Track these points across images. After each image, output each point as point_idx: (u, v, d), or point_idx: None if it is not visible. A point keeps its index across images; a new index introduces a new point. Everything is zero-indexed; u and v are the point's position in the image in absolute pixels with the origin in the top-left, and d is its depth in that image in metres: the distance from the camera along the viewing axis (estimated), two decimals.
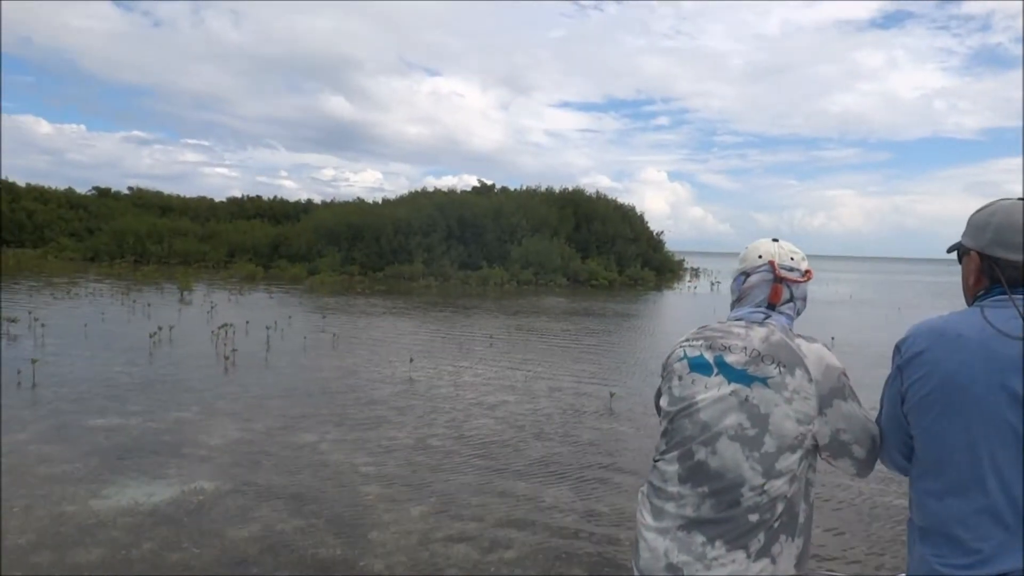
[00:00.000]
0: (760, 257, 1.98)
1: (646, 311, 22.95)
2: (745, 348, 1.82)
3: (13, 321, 13.55)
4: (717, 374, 1.82)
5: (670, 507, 1.79)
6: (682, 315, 22.40)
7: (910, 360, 1.67)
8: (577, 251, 36.77)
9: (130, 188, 64.98)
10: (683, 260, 51.27)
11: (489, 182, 48.29)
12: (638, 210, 44.26)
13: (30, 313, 15.07)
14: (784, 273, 1.94)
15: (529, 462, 6.57)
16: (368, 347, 13.03)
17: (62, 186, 58.76)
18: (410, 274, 32.64)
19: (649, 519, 1.84)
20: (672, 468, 1.82)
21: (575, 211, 40.27)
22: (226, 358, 10.97)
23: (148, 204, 57.80)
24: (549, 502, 5.55)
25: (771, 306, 1.93)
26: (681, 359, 1.92)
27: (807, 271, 1.99)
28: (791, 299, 1.96)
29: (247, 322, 14.82)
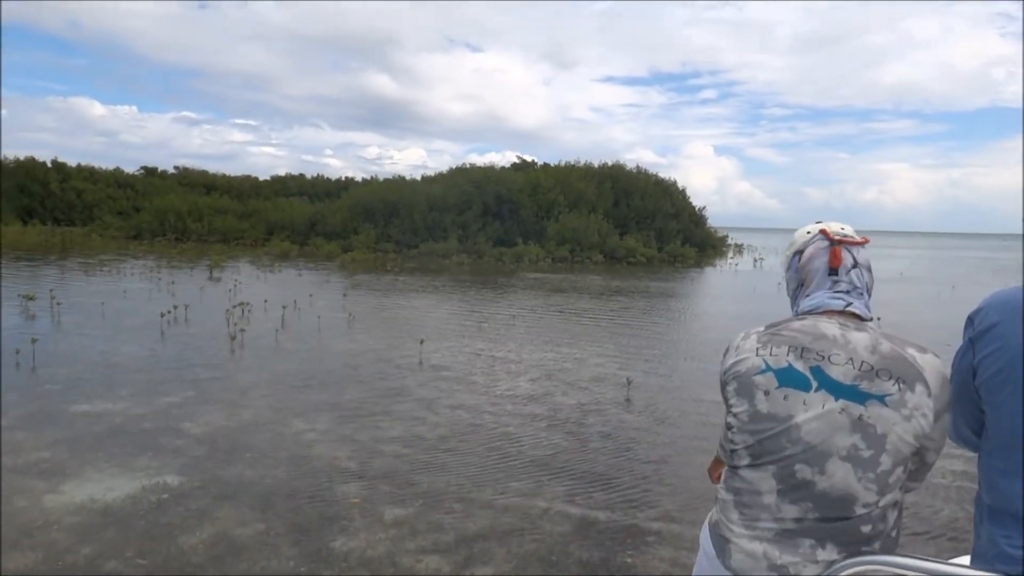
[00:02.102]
0: (809, 232, 1.88)
1: (681, 290, 22.12)
2: (851, 360, 1.66)
3: (31, 299, 13.42)
4: (818, 389, 1.66)
5: (765, 516, 1.70)
6: (719, 294, 21.53)
7: (982, 333, 1.60)
8: (616, 227, 35.92)
9: (176, 167, 65.92)
10: (726, 236, 50.03)
11: (529, 158, 47.59)
12: (680, 185, 43.20)
13: (51, 291, 14.96)
14: (840, 236, 1.82)
15: (529, 458, 6.01)
16: (384, 328, 12.58)
17: (115, 166, 59.71)
18: (444, 251, 32.20)
19: (739, 527, 1.74)
20: (767, 484, 1.70)
21: (614, 186, 39.36)
22: (232, 338, 10.61)
23: (193, 183, 58.58)
24: (542, 507, 4.98)
25: (833, 271, 1.78)
26: (763, 371, 1.72)
27: (863, 238, 1.85)
28: (855, 265, 1.80)
29: (265, 301, 14.51)
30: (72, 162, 56.29)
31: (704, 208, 44.60)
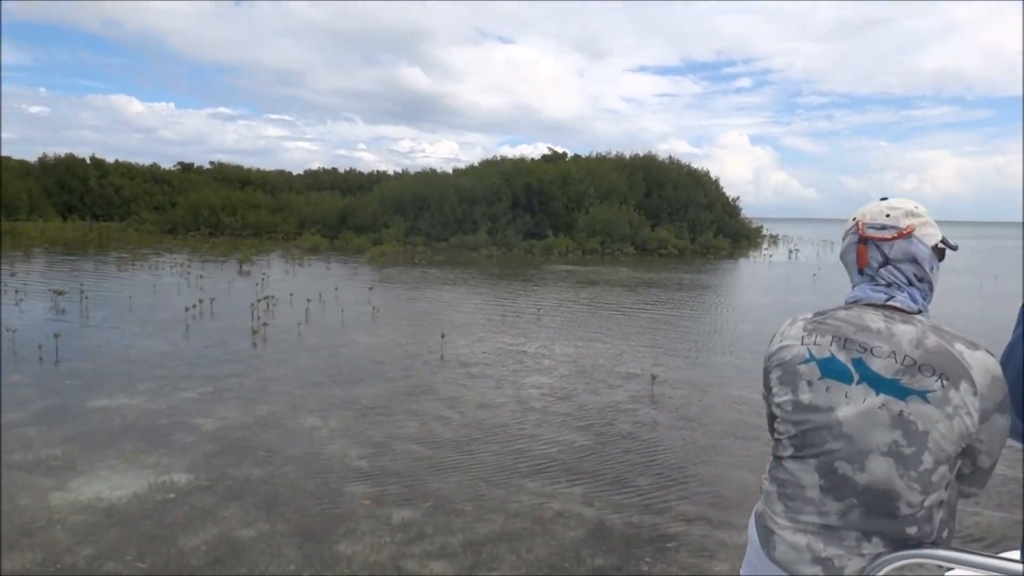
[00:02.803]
0: (853, 219, 1.77)
1: (713, 282, 21.71)
2: (894, 353, 1.59)
3: (60, 294, 13.55)
4: (859, 382, 1.61)
5: (809, 510, 1.67)
6: (751, 285, 21.09)
7: None
8: (647, 219, 35.46)
9: (211, 163, 66.78)
10: (761, 227, 49.21)
11: (560, 150, 47.19)
12: (713, 175, 42.55)
13: (81, 285, 15.11)
14: (870, 232, 1.70)
15: (546, 457, 5.82)
16: (409, 321, 12.46)
17: (152, 162, 60.67)
18: (473, 244, 32.06)
19: (782, 518, 1.72)
20: (810, 477, 1.67)
21: (646, 177, 38.87)
22: (254, 332, 10.56)
23: (228, 178, 59.29)
24: (556, 509, 4.79)
25: (860, 272, 1.72)
26: (807, 361, 1.68)
27: (906, 227, 1.69)
28: (886, 262, 1.69)
29: (291, 295, 14.48)
30: (111, 158, 57.31)
31: (738, 198, 43.98)
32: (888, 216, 1.71)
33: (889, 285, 1.69)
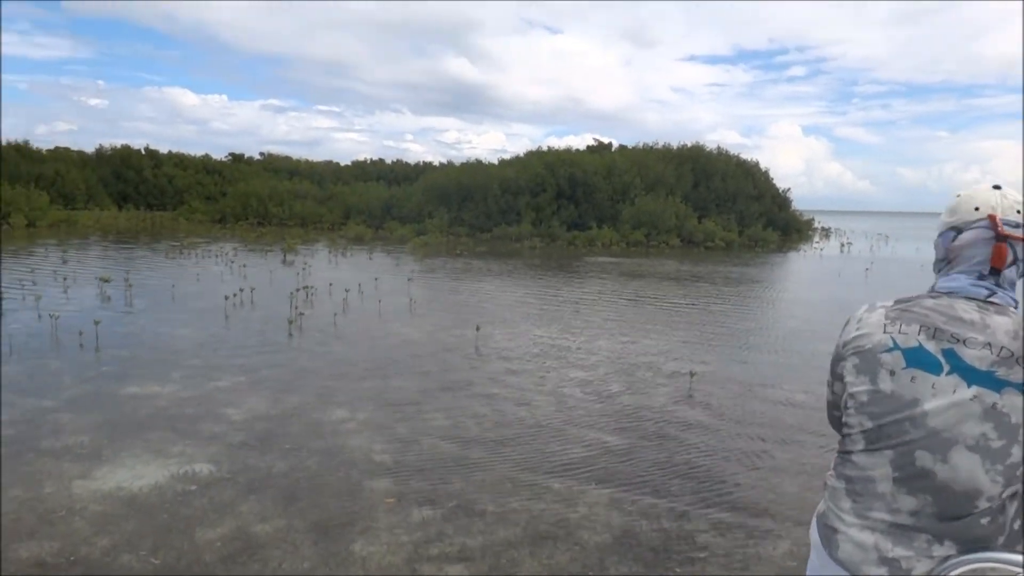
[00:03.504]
0: (977, 210, 1.66)
1: (760, 275, 21.18)
2: (989, 345, 1.53)
3: (106, 281, 13.78)
4: (950, 373, 1.55)
5: (878, 506, 1.60)
6: (800, 280, 20.51)
7: None
8: (694, 210, 34.84)
9: (261, 153, 67.85)
10: (812, 219, 48.06)
11: (606, 140, 46.71)
12: (763, 166, 41.64)
13: (126, 273, 15.36)
14: (1008, 230, 1.62)
15: (574, 456, 5.63)
16: (446, 313, 12.36)
17: (204, 153, 61.92)
18: (516, 235, 31.89)
19: (849, 515, 1.65)
20: (883, 470, 1.60)
21: (693, 168, 38.19)
22: (291, 322, 10.55)
23: (277, 168, 60.22)
24: (582, 512, 4.60)
25: (994, 271, 1.62)
26: (890, 349, 1.61)
27: None
28: (1015, 261, 1.64)
29: (330, 284, 14.50)
30: (165, 149, 58.59)
31: (788, 190, 42.92)
32: (1018, 212, 1.64)
33: (997, 283, 1.64)
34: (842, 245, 35.89)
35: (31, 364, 7.97)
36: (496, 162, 42.97)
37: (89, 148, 56.20)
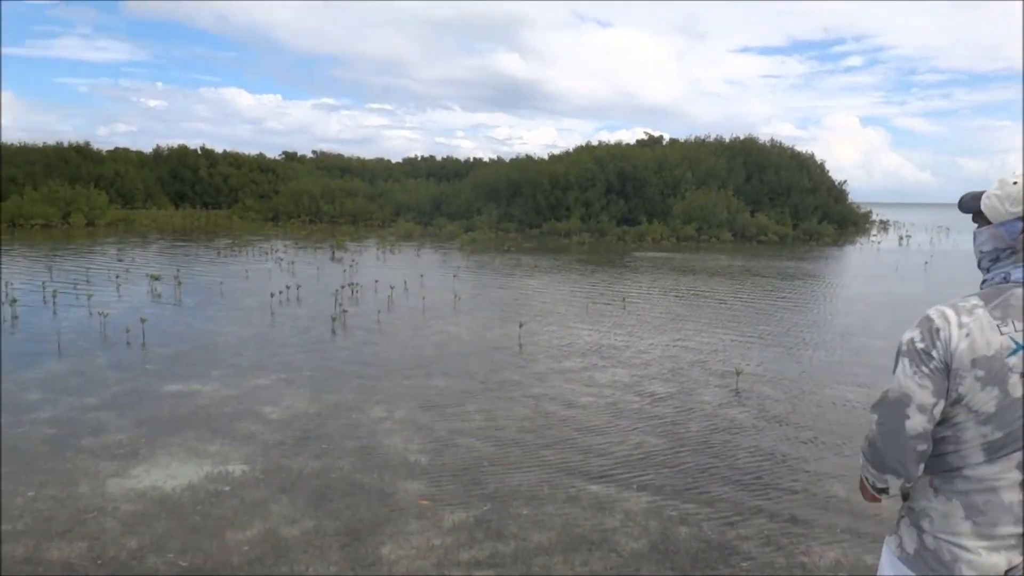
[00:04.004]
0: None
1: (814, 270, 20.57)
2: None
3: (156, 279, 14.03)
4: None
5: (1006, 519, 1.50)
6: (856, 274, 19.87)
7: None
8: (747, 204, 34.09)
9: (314, 152, 68.85)
10: (869, 212, 46.67)
11: (657, 134, 46.07)
12: (819, 158, 40.61)
13: (176, 271, 15.64)
14: None
15: (614, 459, 5.44)
16: (489, 310, 12.25)
17: (258, 152, 63.11)
18: (565, 231, 31.64)
19: (971, 539, 1.52)
20: (1009, 476, 1.50)
21: (746, 161, 37.39)
22: (334, 320, 10.55)
23: (329, 166, 60.98)
24: (619, 518, 4.41)
25: None
26: (1015, 351, 1.50)
27: None
28: None
29: (376, 281, 14.51)
30: (220, 149, 59.83)
31: (845, 182, 41.80)
32: None
33: None
34: (900, 238, 34.73)
35: (78, 361, 8.10)
36: (547, 157, 42.74)
37: (148, 149, 57.77)
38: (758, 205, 34.97)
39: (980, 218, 1.70)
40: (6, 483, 4.76)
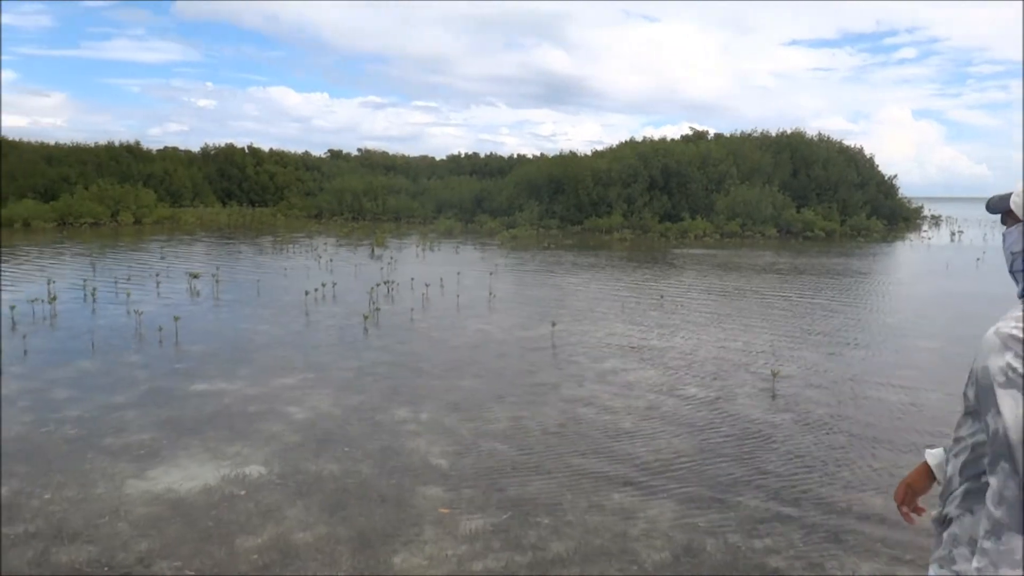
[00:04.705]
0: None
1: (862, 267, 19.94)
2: None
3: (195, 277, 14.17)
4: None
5: None
6: (905, 272, 19.21)
7: None
8: (793, 199, 33.30)
9: (359, 150, 69.40)
10: (921, 207, 45.31)
11: (702, 128, 45.35)
12: (869, 152, 39.52)
13: (216, 268, 15.78)
14: None
15: (640, 464, 5.23)
16: (524, 308, 12.07)
17: (304, 150, 63.88)
18: (608, 227, 31.30)
19: None
20: None
21: (792, 156, 36.55)
22: (366, 318, 10.48)
23: (374, 164, 61.34)
24: (641, 528, 4.21)
25: None
26: None
27: None
28: None
29: (412, 279, 14.45)
30: (268, 147, 60.68)
31: (895, 177, 40.58)
32: None
33: None
34: (952, 234, 33.60)
35: (109, 360, 8.15)
36: (590, 153, 42.35)
37: (197, 148, 58.83)
38: (805, 200, 34.14)
39: (1010, 218, 1.59)
40: (24, 484, 4.75)
